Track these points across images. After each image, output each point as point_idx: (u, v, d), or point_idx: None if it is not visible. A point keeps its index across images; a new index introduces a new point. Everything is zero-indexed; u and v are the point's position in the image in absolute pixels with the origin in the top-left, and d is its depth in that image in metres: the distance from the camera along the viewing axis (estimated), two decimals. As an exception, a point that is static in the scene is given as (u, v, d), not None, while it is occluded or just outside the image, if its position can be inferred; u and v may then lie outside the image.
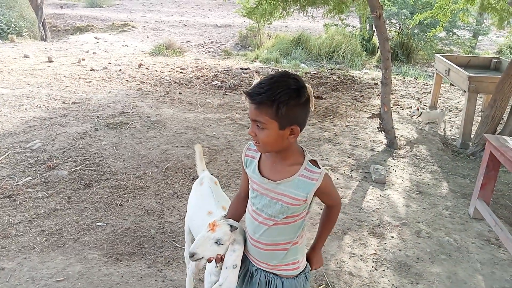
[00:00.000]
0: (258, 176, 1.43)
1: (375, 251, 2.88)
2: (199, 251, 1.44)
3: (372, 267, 2.71)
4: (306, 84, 1.33)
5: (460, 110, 6.40)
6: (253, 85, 4.70)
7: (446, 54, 6.44)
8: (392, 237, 3.06)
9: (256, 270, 1.50)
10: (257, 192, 1.44)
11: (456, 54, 9.28)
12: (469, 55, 8.39)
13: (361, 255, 2.83)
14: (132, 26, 14.64)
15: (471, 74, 4.81)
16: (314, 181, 1.35)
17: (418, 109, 5.38)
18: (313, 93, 1.39)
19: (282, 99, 1.26)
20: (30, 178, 3.63)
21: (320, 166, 1.39)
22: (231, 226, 1.49)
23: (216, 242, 1.46)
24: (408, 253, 2.88)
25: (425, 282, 2.58)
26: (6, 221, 3.00)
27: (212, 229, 1.46)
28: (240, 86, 7.34)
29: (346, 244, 2.95)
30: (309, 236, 2.98)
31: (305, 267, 1.53)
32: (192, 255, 1.44)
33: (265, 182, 1.41)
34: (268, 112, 1.27)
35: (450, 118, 6.09)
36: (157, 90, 6.75)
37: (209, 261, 1.48)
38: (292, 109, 1.28)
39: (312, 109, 1.39)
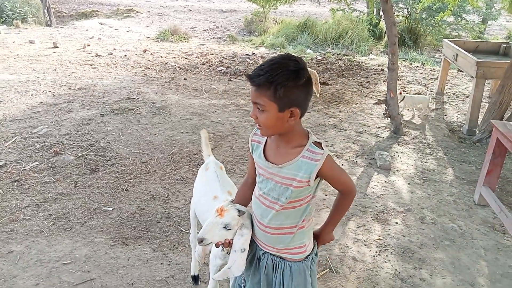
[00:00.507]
0: (263, 160, 1.43)
1: (379, 236, 2.90)
2: (208, 236, 1.46)
3: (376, 252, 2.73)
4: (312, 70, 1.32)
5: (467, 96, 6.33)
6: None
7: (454, 39, 6.36)
8: (396, 223, 3.07)
9: (263, 254, 1.52)
10: (263, 176, 1.45)
11: (465, 39, 9.13)
12: (477, 40, 8.26)
13: (365, 241, 2.84)
14: (137, 12, 14.54)
15: (479, 60, 4.74)
16: (316, 162, 1.35)
17: (400, 93, 5.14)
18: (319, 79, 1.38)
19: (279, 80, 1.26)
20: (37, 163, 3.67)
21: (323, 147, 1.39)
22: (238, 210, 1.51)
23: (225, 227, 1.48)
24: (412, 239, 2.89)
25: (428, 268, 2.60)
26: (14, 205, 3.05)
27: (220, 214, 1.48)
28: (245, 71, 7.30)
29: (350, 229, 2.96)
30: (313, 222, 3.00)
31: (312, 250, 1.54)
32: (201, 241, 1.46)
33: (270, 166, 1.41)
34: (267, 94, 1.28)
35: (457, 104, 6.03)
36: (162, 76, 6.74)
37: (217, 245, 1.50)
38: (290, 91, 1.28)
39: (318, 95, 1.39)
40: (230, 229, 1.49)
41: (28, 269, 2.41)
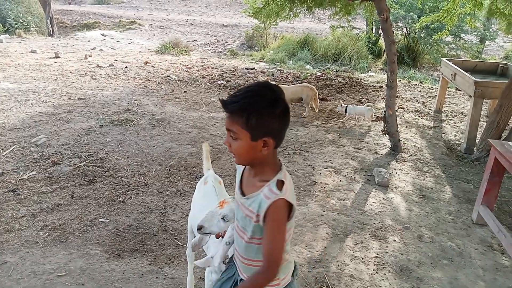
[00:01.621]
0: (237, 188, 1.42)
1: (377, 254, 2.88)
2: (207, 225, 1.52)
3: (374, 270, 2.71)
4: (311, 85, 1.32)
5: (465, 115, 6.37)
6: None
7: (452, 59, 6.43)
8: (394, 240, 3.05)
9: (240, 280, 1.48)
10: (236, 204, 1.42)
11: (463, 59, 9.24)
12: (475, 60, 8.35)
13: (362, 258, 2.82)
14: (139, 24, 14.69)
15: (477, 79, 4.78)
16: (267, 200, 1.27)
17: (341, 105, 5.58)
18: (318, 94, 1.39)
19: (253, 109, 1.22)
20: (34, 172, 3.65)
21: (283, 189, 1.28)
22: None
23: (223, 218, 1.52)
24: (410, 257, 2.87)
25: (426, 287, 2.57)
26: (10, 215, 3.02)
27: (221, 205, 1.53)
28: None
29: (347, 246, 2.94)
30: (311, 238, 2.98)
31: (289, 283, 1.48)
32: (200, 228, 1.53)
33: (239, 195, 1.39)
34: (239, 121, 1.24)
35: (455, 122, 6.07)
36: (162, 88, 6.77)
37: (217, 236, 1.55)
38: (264, 120, 1.24)
39: (316, 111, 1.39)
40: (228, 221, 1.52)
41: (21, 281, 2.38)
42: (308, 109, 5.81)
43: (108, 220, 3.05)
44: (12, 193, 3.30)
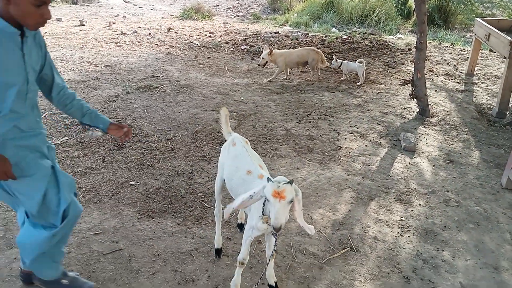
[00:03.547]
0: None
1: (401, 217, 2.89)
2: (283, 221, 1.61)
3: (398, 233, 2.73)
4: (317, 49, 1.32)
5: (498, 78, 6.11)
6: (261, 57, 4.80)
7: (487, 18, 6.08)
8: (420, 204, 3.05)
9: None
10: None
11: (498, 18, 8.74)
12: (512, 19, 7.88)
13: (387, 221, 2.84)
14: (161, -11, 14.49)
15: (513, 39, 4.54)
16: None
17: (336, 60, 5.71)
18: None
19: None
20: (66, 138, 3.79)
21: None
22: (289, 182, 1.65)
23: (289, 202, 1.64)
24: (435, 220, 2.87)
25: (451, 250, 2.59)
26: (46, 177, 3.17)
27: (282, 197, 1.60)
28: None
29: (372, 209, 2.96)
30: (335, 201, 3.01)
31: None
32: (278, 229, 1.61)
33: None
34: None
35: (487, 86, 5.84)
36: (186, 55, 6.76)
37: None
38: None
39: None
40: (292, 200, 1.64)
41: (60, 238, 2.53)
42: (313, 72, 5.72)
43: (138, 183, 3.16)
44: (47, 157, 3.45)
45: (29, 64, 1.70)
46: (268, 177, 1.72)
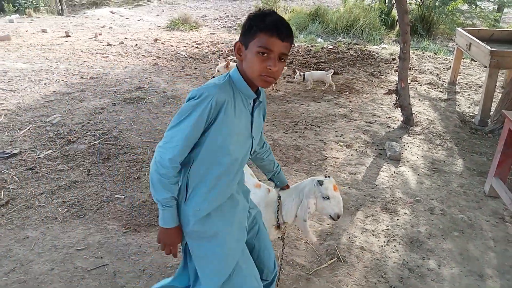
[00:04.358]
0: None
1: (387, 226, 2.91)
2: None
3: (384, 242, 2.75)
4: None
5: (480, 87, 6.24)
6: (216, 69, 4.80)
7: (467, 28, 6.23)
8: (405, 213, 3.08)
9: None
10: None
11: (479, 28, 8.96)
12: (492, 29, 8.09)
13: (373, 231, 2.86)
14: (148, 0, 14.53)
15: (493, 49, 4.66)
16: None
17: (299, 74, 5.75)
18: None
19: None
20: (51, 151, 3.74)
21: None
22: (327, 176, 1.98)
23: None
24: (421, 229, 2.90)
25: (437, 258, 2.61)
26: (29, 192, 3.13)
27: (337, 188, 1.94)
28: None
29: (358, 219, 2.98)
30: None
31: None
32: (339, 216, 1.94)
33: None
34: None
35: (469, 94, 5.95)
36: (172, 65, 6.76)
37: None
38: None
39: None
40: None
41: (43, 254, 2.48)
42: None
43: (123, 196, 3.13)
44: (30, 171, 3.40)
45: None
46: (317, 180, 1.94)
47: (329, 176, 1.95)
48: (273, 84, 1.49)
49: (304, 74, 5.77)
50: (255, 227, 1.73)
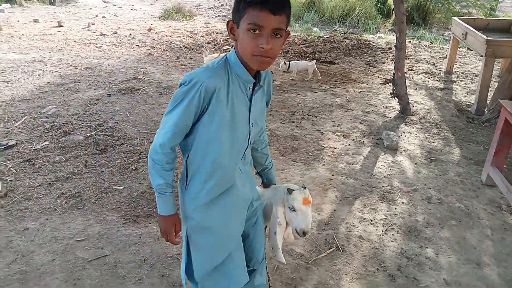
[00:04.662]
0: None
1: (385, 216, 2.93)
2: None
3: (382, 231, 2.77)
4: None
5: (476, 76, 6.26)
6: (204, 62, 4.69)
7: (463, 17, 6.22)
8: (403, 202, 3.10)
9: None
10: None
11: (475, 17, 8.95)
12: (488, 18, 8.09)
13: (371, 220, 2.88)
14: (141, -11, 14.31)
15: (489, 38, 4.66)
16: None
17: (284, 63, 5.75)
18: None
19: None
20: (47, 142, 3.71)
21: None
22: (303, 187, 1.75)
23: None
24: (418, 218, 2.92)
25: (434, 247, 2.64)
26: (27, 184, 3.11)
27: (309, 202, 1.71)
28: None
29: (356, 209, 3.00)
30: (320, 201, 3.03)
31: None
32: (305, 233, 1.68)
33: None
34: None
35: (465, 83, 5.97)
36: (167, 56, 6.70)
37: None
38: None
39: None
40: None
41: (44, 246, 2.48)
42: None
43: (122, 187, 3.12)
44: (27, 163, 3.38)
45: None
46: (287, 187, 1.71)
47: (304, 187, 1.73)
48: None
49: (289, 63, 5.78)
50: (254, 218, 1.73)
